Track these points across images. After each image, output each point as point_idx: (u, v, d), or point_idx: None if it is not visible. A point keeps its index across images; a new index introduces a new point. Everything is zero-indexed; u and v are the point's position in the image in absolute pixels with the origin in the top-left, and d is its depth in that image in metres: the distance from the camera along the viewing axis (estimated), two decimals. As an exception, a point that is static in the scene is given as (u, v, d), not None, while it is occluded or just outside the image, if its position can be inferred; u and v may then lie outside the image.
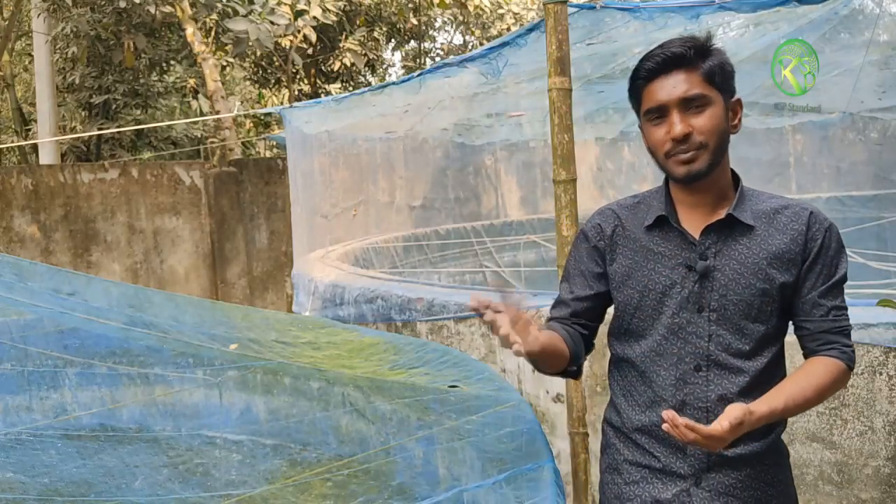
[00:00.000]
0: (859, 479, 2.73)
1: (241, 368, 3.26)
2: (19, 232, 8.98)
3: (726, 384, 1.57)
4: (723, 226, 1.58)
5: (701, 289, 1.57)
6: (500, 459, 1.71)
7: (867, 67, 5.90)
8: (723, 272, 1.57)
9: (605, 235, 1.70)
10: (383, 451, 2.50)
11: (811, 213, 1.60)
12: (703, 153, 1.54)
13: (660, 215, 1.62)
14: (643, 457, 1.63)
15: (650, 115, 1.58)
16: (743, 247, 1.58)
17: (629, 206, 1.72)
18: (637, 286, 1.63)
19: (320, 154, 7.85)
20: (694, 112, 1.54)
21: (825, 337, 1.59)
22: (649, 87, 1.57)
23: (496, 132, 9.40)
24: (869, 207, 9.39)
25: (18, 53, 15.94)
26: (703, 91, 1.53)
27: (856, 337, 2.70)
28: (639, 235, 1.65)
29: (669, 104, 1.54)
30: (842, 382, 1.59)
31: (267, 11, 10.86)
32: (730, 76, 1.58)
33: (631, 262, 1.65)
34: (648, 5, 3.58)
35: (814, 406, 1.59)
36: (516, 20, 15.50)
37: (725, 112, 1.57)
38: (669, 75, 1.54)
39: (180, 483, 2.76)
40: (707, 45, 1.56)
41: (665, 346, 1.60)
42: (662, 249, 1.62)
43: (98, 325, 2.88)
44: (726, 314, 1.56)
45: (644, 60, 1.58)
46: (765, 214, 1.60)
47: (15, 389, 3.49)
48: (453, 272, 8.50)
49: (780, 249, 1.57)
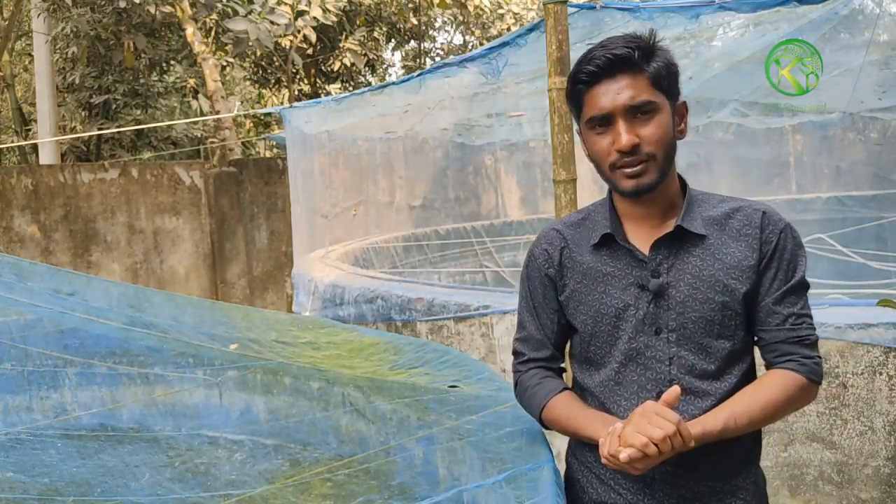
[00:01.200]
0: (859, 479, 2.73)
1: (241, 368, 3.26)
2: (19, 232, 8.98)
3: (692, 410, 1.43)
4: (673, 238, 1.46)
5: (656, 308, 1.45)
6: (499, 459, 1.71)
7: (867, 67, 5.90)
8: (678, 288, 1.44)
9: (554, 262, 1.57)
10: (383, 451, 2.50)
11: (764, 214, 1.47)
12: (652, 165, 1.41)
13: (605, 233, 1.50)
14: (607, 494, 1.52)
15: (593, 124, 1.44)
16: (697, 259, 1.45)
17: (574, 223, 1.59)
18: (590, 312, 1.51)
19: (320, 154, 7.86)
20: (641, 120, 1.40)
21: (781, 347, 1.45)
22: (591, 91, 1.43)
23: (496, 132, 9.41)
24: (869, 207, 9.39)
25: (18, 53, 15.94)
26: (650, 97, 1.40)
27: (856, 337, 2.71)
28: (586, 257, 1.53)
29: (615, 112, 1.40)
30: (801, 398, 1.44)
31: (267, 11, 10.86)
32: (675, 78, 1.45)
33: (581, 287, 1.52)
34: (648, 5, 3.58)
35: (765, 425, 1.45)
36: (516, 20, 15.50)
37: (672, 118, 1.44)
38: (613, 79, 1.40)
39: (180, 483, 2.76)
40: (652, 44, 1.43)
41: (624, 374, 1.48)
42: (612, 269, 1.49)
43: (98, 325, 2.88)
44: (686, 333, 1.44)
45: (584, 62, 1.44)
46: (716, 221, 1.47)
47: (15, 389, 3.49)
48: (453, 272, 8.50)
49: (736, 257, 1.44)
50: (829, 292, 4.19)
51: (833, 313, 2.84)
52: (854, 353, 2.73)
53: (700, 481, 1.46)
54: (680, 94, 1.48)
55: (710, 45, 5.40)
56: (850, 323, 2.73)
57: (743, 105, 7.44)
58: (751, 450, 1.52)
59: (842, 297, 3.89)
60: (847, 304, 3.33)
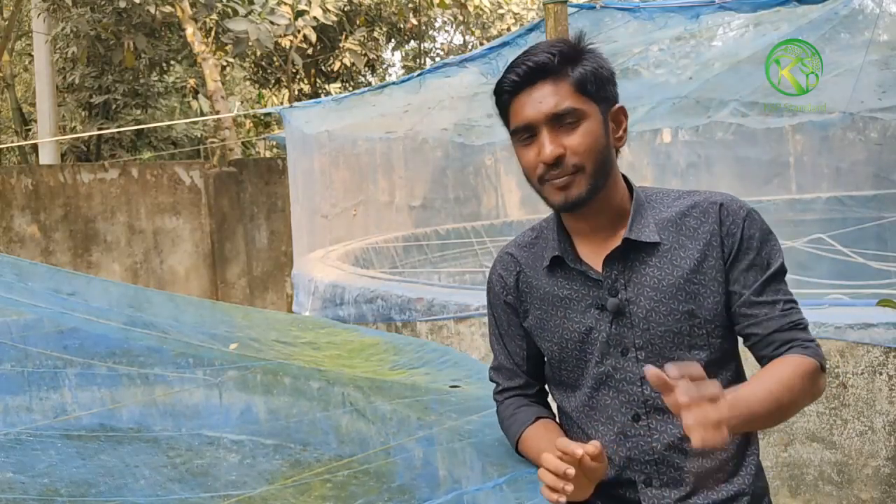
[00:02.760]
0: (859, 479, 2.73)
1: (241, 368, 3.26)
2: (19, 232, 8.98)
3: (671, 429, 1.34)
4: (625, 251, 1.36)
5: (619, 328, 1.36)
6: (500, 461, 1.71)
7: (867, 67, 5.90)
8: (638, 304, 1.34)
9: (510, 287, 1.49)
10: (383, 451, 2.50)
11: (721, 206, 1.35)
12: (580, 177, 1.31)
13: (554, 255, 1.41)
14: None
15: (519, 135, 1.36)
16: (653, 269, 1.35)
17: (527, 244, 1.50)
18: (553, 338, 1.43)
19: (320, 154, 7.86)
20: (566, 129, 1.31)
21: (779, 337, 1.33)
22: (514, 101, 1.35)
23: (496, 132, 9.39)
24: (869, 207, 9.39)
25: (18, 53, 15.95)
26: (574, 104, 1.30)
27: (856, 337, 2.71)
28: (541, 281, 1.44)
29: (537, 122, 1.32)
30: (817, 382, 1.31)
31: (267, 11, 10.87)
32: (606, 82, 1.35)
33: (541, 313, 1.44)
34: (648, 5, 3.58)
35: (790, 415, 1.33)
36: (516, 20, 15.50)
37: (604, 125, 1.34)
38: (535, 88, 1.32)
39: (180, 483, 2.76)
40: (577, 48, 1.34)
41: (597, 399, 1.40)
42: (568, 293, 1.40)
43: (98, 325, 2.89)
44: (655, 350, 1.34)
45: (507, 71, 1.36)
46: (671, 222, 1.36)
47: (15, 389, 3.49)
48: (453, 272, 8.50)
49: (696, 259, 1.34)
50: (829, 292, 4.19)
51: (833, 313, 2.84)
52: (854, 353, 2.73)
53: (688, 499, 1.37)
54: (616, 98, 1.38)
55: (710, 45, 5.40)
56: (850, 323, 2.73)
57: (743, 105, 7.44)
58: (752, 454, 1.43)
59: (842, 297, 3.89)
60: (847, 304, 3.33)
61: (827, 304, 3.10)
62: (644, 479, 1.37)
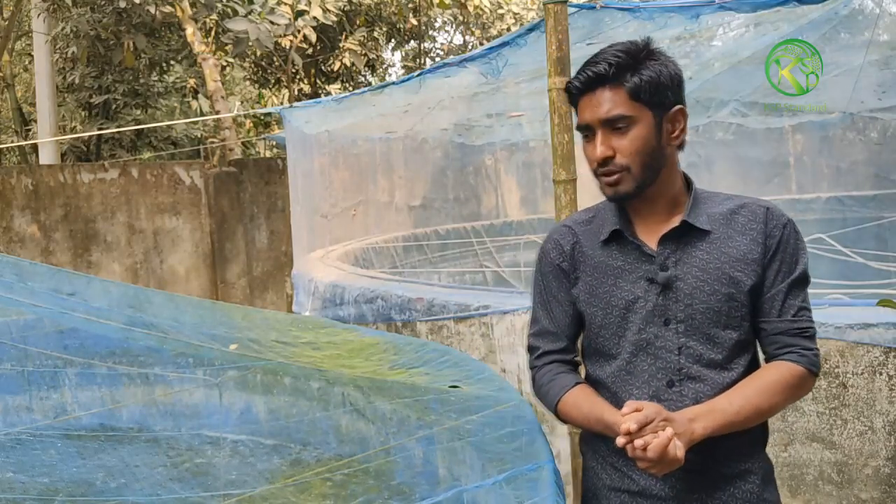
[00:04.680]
0: (859, 479, 2.73)
1: (241, 368, 3.26)
2: (19, 232, 8.98)
3: (700, 397, 1.50)
4: (679, 233, 1.54)
5: (665, 301, 1.52)
6: (500, 459, 1.71)
7: (867, 67, 5.90)
8: (685, 281, 1.52)
9: (566, 254, 1.64)
10: (383, 450, 2.50)
11: (768, 210, 1.55)
12: (626, 176, 1.50)
13: (614, 229, 1.57)
14: (621, 480, 1.58)
15: (582, 132, 1.56)
16: (703, 252, 1.53)
17: (584, 221, 1.67)
18: (599, 304, 1.58)
19: (320, 154, 7.86)
20: (618, 133, 1.49)
21: (782, 339, 1.52)
22: (580, 102, 1.54)
23: (496, 132, 9.41)
24: (869, 207, 9.39)
25: (18, 53, 15.95)
26: (625, 111, 1.48)
27: (856, 337, 2.71)
28: (596, 252, 1.60)
29: (593, 124, 1.51)
30: (801, 387, 1.52)
31: (267, 11, 10.86)
32: (664, 88, 1.50)
33: (592, 280, 1.60)
34: (648, 5, 3.58)
35: (769, 416, 1.53)
36: (516, 20, 15.50)
37: (656, 129, 1.50)
38: (594, 93, 1.50)
39: (180, 483, 2.76)
40: (638, 56, 1.49)
41: (635, 364, 1.55)
42: (621, 264, 1.57)
43: (98, 325, 2.88)
44: (694, 324, 1.51)
45: (575, 75, 1.54)
46: (722, 217, 1.55)
47: (15, 389, 3.49)
48: (453, 272, 8.50)
49: (741, 251, 1.52)
50: (829, 292, 4.19)
51: (833, 313, 2.84)
52: (854, 353, 2.72)
53: (712, 466, 1.51)
54: (673, 102, 1.52)
55: (710, 45, 5.39)
56: (850, 323, 2.73)
57: (743, 105, 7.44)
58: (759, 434, 1.59)
59: (842, 297, 3.89)
60: (847, 304, 3.33)
61: (827, 304, 3.09)
62: None
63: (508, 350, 3.70)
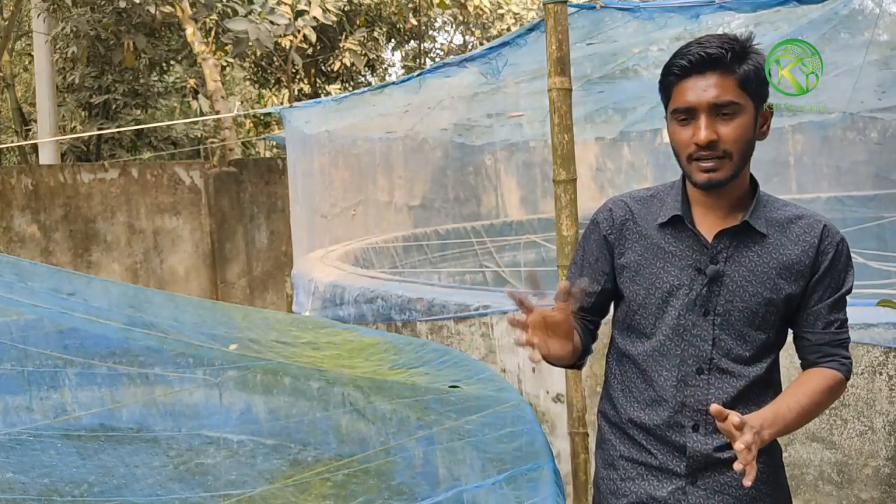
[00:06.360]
0: (859, 479, 2.73)
1: (241, 368, 3.25)
2: (19, 232, 8.98)
3: (726, 388, 1.57)
4: (737, 232, 1.56)
5: (709, 293, 1.56)
6: (499, 460, 1.71)
7: (867, 67, 5.89)
8: (732, 278, 1.56)
9: (616, 226, 1.67)
10: (383, 451, 2.50)
11: (825, 226, 1.58)
12: (727, 163, 1.50)
13: (675, 214, 1.59)
14: (639, 453, 1.63)
15: (678, 115, 1.53)
16: (754, 254, 1.56)
17: (642, 199, 1.68)
18: (644, 283, 1.61)
19: (320, 154, 7.86)
20: (723, 119, 1.48)
21: (825, 349, 1.60)
22: (680, 84, 1.51)
23: (496, 132, 9.40)
24: (869, 207, 9.40)
25: (18, 53, 15.94)
26: (734, 98, 1.48)
27: (856, 337, 2.71)
28: (650, 231, 1.63)
29: (699, 107, 1.49)
30: (839, 393, 1.62)
31: (267, 11, 10.86)
32: (764, 82, 1.53)
33: (640, 258, 1.63)
34: (648, 5, 3.58)
35: (813, 418, 1.61)
36: (516, 20, 15.49)
37: (755, 120, 1.52)
38: (703, 76, 1.48)
39: (180, 483, 2.76)
40: (747, 46, 1.50)
41: (668, 347, 1.59)
42: (674, 249, 1.60)
43: (98, 325, 2.88)
44: (731, 320, 1.56)
45: (678, 56, 1.52)
46: (779, 223, 1.58)
47: (15, 389, 3.49)
48: (453, 272, 8.50)
49: (791, 260, 1.56)
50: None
51: (833, 313, 2.83)
52: (854, 353, 2.72)
53: (728, 448, 1.54)
54: (767, 98, 1.55)
55: (710, 46, 5.38)
56: (850, 323, 2.72)
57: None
58: None
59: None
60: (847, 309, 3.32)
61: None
62: (693, 424, 1.58)
63: (508, 350, 3.70)
